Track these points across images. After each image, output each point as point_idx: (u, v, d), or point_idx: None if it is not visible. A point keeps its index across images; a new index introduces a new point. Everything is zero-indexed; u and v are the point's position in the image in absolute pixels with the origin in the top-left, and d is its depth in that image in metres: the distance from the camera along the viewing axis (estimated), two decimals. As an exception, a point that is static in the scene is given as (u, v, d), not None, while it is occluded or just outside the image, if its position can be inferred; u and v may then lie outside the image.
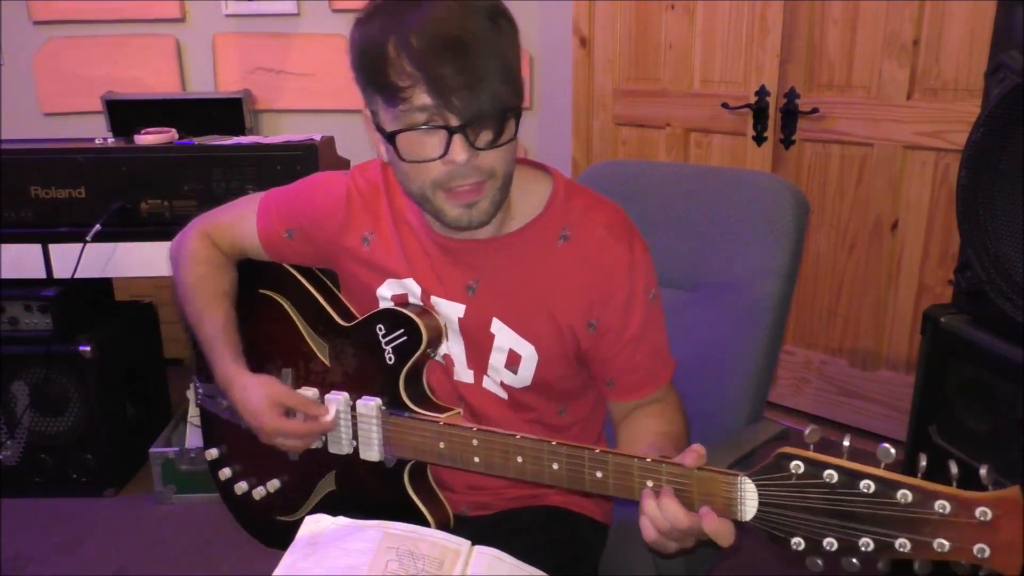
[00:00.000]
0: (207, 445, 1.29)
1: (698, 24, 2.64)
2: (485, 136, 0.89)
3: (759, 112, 2.49)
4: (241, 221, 1.19)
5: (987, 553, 0.70)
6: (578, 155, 3.09)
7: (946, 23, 2.13)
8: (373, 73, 0.89)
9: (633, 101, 2.90)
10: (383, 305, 1.11)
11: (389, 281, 1.11)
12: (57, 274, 2.12)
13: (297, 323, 1.17)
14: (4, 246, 2.10)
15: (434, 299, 1.09)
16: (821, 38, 2.38)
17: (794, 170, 2.50)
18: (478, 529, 1.09)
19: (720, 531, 0.81)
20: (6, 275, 2.12)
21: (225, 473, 1.25)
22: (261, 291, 1.22)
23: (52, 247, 2.10)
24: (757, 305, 1.25)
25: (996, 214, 1.38)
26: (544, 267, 1.05)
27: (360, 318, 1.11)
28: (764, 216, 1.27)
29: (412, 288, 1.10)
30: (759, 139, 2.52)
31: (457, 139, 0.88)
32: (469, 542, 0.95)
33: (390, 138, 0.92)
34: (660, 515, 0.83)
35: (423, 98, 0.86)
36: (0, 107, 3.03)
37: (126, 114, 2.70)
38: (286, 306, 1.19)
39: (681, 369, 1.14)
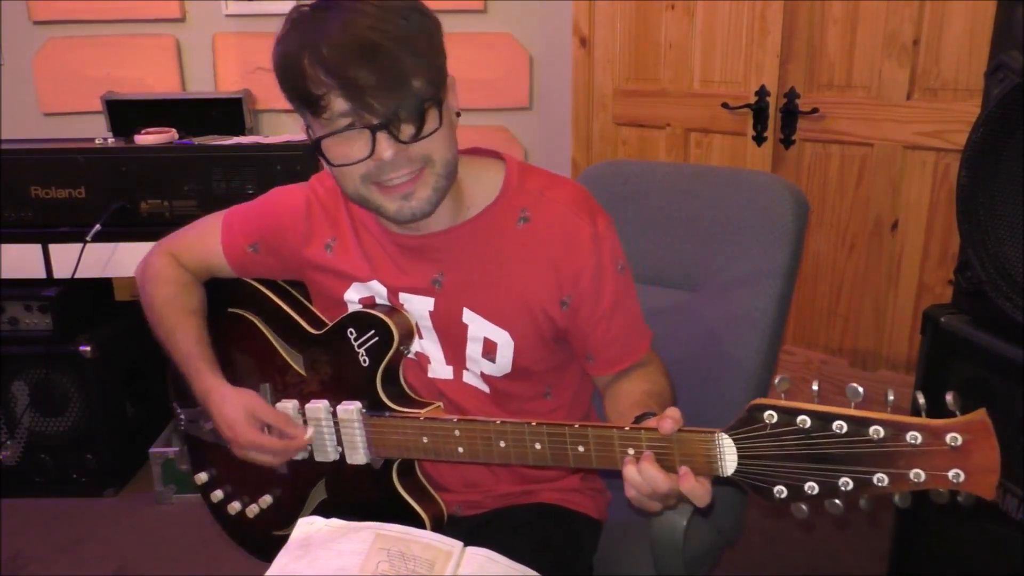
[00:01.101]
0: (195, 470, 1.28)
1: (698, 24, 2.63)
2: (408, 129, 0.91)
3: (759, 112, 2.49)
4: (205, 239, 1.20)
5: (962, 477, 0.72)
6: (578, 155, 3.09)
7: (946, 23, 2.13)
8: (293, 87, 0.92)
9: (633, 101, 2.90)
10: (352, 309, 1.11)
11: (355, 285, 1.11)
12: (57, 274, 2.12)
13: (269, 337, 1.17)
14: (4, 246, 2.10)
15: (402, 296, 1.09)
16: (821, 38, 2.38)
17: (794, 170, 2.50)
18: (470, 528, 1.10)
19: (695, 491, 0.83)
20: (6, 275, 2.13)
21: (217, 495, 1.25)
22: (230, 310, 1.21)
23: (52, 247, 2.10)
24: (757, 305, 1.25)
25: (996, 214, 1.38)
26: (507, 251, 1.06)
27: (330, 325, 1.11)
28: (764, 216, 1.27)
29: (377, 290, 1.10)
30: (759, 139, 2.52)
31: (381, 136, 0.90)
32: (461, 543, 0.95)
33: (316, 145, 0.94)
34: (640, 479, 0.85)
35: (340, 103, 0.89)
36: (0, 107, 3.03)
37: (126, 114, 2.70)
38: (256, 322, 1.19)
39: (681, 369, 1.15)
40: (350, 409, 1.07)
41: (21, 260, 2.12)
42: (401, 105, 0.89)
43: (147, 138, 2.17)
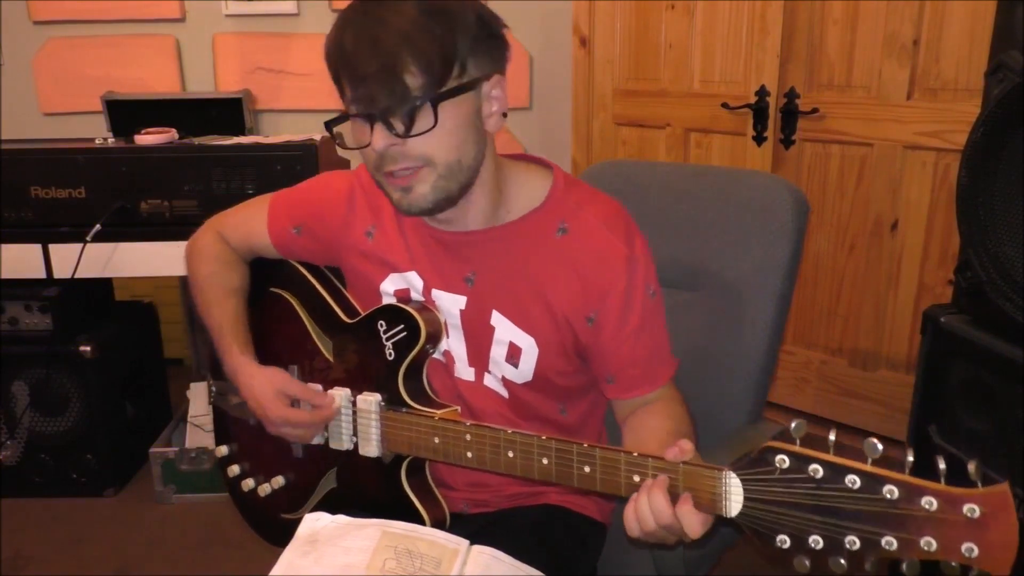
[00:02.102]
0: (218, 442, 1.31)
1: (698, 24, 2.64)
2: (399, 124, 0.92)
3: (759, 112, 2.49)
4: (252, 219, 1.23)
5: (975, 552, 0.68)
6: (578, 155, 3.09)
7: (946, 23, 2.13)
8: (330, 70, 0.96)
9: (633, 101, 2.90)
10: (386, 301, 1.12)
11: (392, 276, 1.12)
12: (57, 274, 2.12)
13: (304, 320, 1.19)
14: (4, 246, 2.10)
15: (435, 292, 1.10)
16: (821, 38, 2.38)
17: (794, 170, 2.50)
18: (476, 527, 1.09)
19: (687, 516, 0.81)
20: (6, 275, 2.12)
21: (233, 470, 1.27)
22: (272, 289, 1.24)
23: (52, 247, 2.10)
24: (757, 305, 1.25)
25: (996, 214, 1.38)
26: (542, 259, 1.06)
27: (363, 314, 1.13)
28: (764, 216, 1.27)
29: (414, 282, 1.11)
30: (759, 139, 2.52)
31: (377, 127, 0.93)
32: (467, 542, 0.95)
33: (328, 126, 1.00)
34: (648, 511, 0.84)
35: (349, 90, 0.94)
36: (0, 107, 3.03)
37: (126, 114, 2.70)
38: (294, 304, 1.21)
39: (681, 369, 1.14)
40: (370, 400, 1.08)
41: (21, 260, 2.11)
42: (392, 100, 0.91)
43: (147, 138, 2.16)
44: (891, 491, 0.70)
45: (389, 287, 1.13)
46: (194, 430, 2.33)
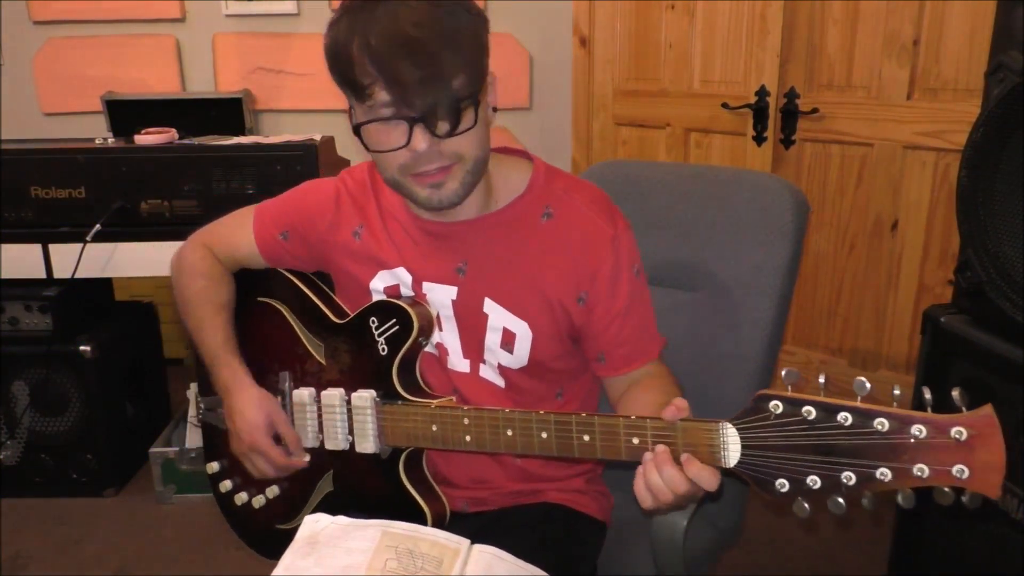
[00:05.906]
0: (208, 459, 1.30)
1: (698, 24, 2.64)
2: (444, 125, 0.94)
3: (759, 112, 2.49)
4: (237, 230, 1.24)
5: (966, 473, 0.72)
6: (578, 155, 3.09)
7: (946, 23, 2.13)
8: (341, 72, 0.95)
9: (633, 101, 2.90)
10: (376, 299, 1.14)
11: (381, 273, 1.14)
12: (57, 274, 2.12)
13: (294, 326, 1.20)
14: (4, 246, 2.10)
15: (426, 285, 1.12)
16: (821, 38, 2.38)
17: (794, 170, 2.50)
18: (477, 526, 1.10)
19: (702, 474, 0.85)
20: (6, 275, 2.12)
21: (226, 485, 1.26)
22: (260, 299, 1.24)
23: (52, 247, 2.10)
24: (757, 305, 1.25)
25: (996, 214, 1.38)
26: (530, 244, 1.09)
27: (354, 314, 1.14)
28: (764, 216, 1.27)
29: (403, 277, 1.13)
30: (759, 139, 2.52)
31: (417, 129, 0.93)
32: (468, 541, 0.95)
33: (355, 130, 0.98)
34: (661, 483, 0.86)
35: (383, 94, 0.92)
36: (0, 107, 3.03)
37: (126, 114, 2.71)
38: (283, 311, 1.21)
39: (681, 369, 1.15)
40: (364, 396, 1.09)
41: (21, 260, 2.12)
42: (439, 102, 0.92)
43: (147, 138, 2.16)
44: (882, 423, 0.75)
45: (379, 284, 1.15)
46: (194, 430, 2.33)
